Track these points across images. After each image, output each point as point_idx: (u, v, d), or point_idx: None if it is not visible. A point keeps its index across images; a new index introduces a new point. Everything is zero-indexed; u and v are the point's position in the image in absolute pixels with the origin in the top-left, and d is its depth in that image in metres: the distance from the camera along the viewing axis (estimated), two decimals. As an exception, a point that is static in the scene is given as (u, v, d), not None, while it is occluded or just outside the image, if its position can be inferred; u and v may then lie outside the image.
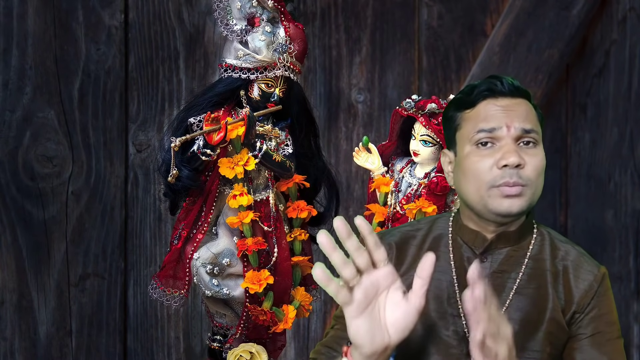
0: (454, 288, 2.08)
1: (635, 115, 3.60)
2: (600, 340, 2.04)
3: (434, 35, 3.54)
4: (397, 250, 2.11)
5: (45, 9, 3.33)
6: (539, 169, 2.01)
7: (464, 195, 2.06)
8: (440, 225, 2.14)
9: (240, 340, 2.55)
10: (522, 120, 2.01)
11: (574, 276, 2.05)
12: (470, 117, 2.05)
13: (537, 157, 2.01)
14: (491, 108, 2.02)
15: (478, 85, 2.05)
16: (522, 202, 2.00)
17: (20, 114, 3.32)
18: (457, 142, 2.07)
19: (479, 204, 2.04)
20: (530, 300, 2.05)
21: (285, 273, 2.53)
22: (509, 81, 2.05)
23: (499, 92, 2.03)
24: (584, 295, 2.04)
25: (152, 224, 3.40)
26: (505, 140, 2.00)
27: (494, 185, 1.99)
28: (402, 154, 2.71)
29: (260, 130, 2.52)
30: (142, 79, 3.40)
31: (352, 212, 3.49)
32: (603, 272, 2.07)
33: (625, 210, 3.62)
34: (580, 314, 2.04)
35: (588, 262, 2.08)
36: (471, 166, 2.01)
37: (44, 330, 3.33)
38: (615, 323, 2.07)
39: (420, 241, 2.12)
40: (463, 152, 2.04)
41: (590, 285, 2.04)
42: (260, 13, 2.52)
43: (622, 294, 3.61)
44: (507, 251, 2.06)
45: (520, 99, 2.04)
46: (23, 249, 3.32)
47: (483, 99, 2.04)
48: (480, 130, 2.01)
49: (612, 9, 3.60)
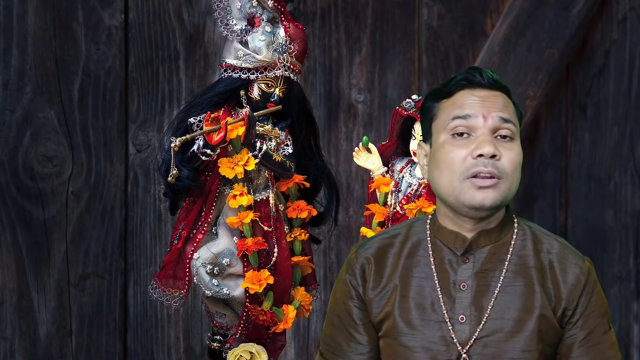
0: (437, 293, 2.04)
1: (635, 115, 3.60)
2: (596, 339, 2.02)
3: (434, 35, 3.54)
4: (375, 264, 2.07)
5: (45, 9, 3.33)
6: (515, 162, 1.98)
7: (437, 188, 2.03)
8: (417, 229, 2.10)
9: (240, 340, 2.55)
10: (500, 110, 1.98)
11: (560, 270, 2.02)
12: (446, 106, 2.02)
13: (514, 151, 1.98)
14: (468, 97, 2.00)
15: (456, 75, 2.03)
16: (496, 195, 1.96)
17: (20, 114, 3.32)
18: (433, 132, 2.04)
19: (451, 196, 2.00)
20: (517, 299, 2.02)
21: (285, 273, 2.53)
22: (488, 74, 2.02)
23: (477, 83, 2.01)
24: (572, 290, 2.01)
25: (152, 224, 3.39)
26: (481, 131, 1.97)
27: (467, 176, 1.96)
28: (402, 154, 2.71)
29: (260, 130, 2.52)
30: (142, 79, 3.40)
31: (352, 212, 3.49)
32: (588, 264, 2.05)
33: (625, 210, 3.61)
34: (571, 310, 2.02)
35: (573, 255, 2.05)
36: (445, 156, 1.98)
37: (44, 330, 3.33)
38: (606, 313, 2.05)
39: (398, 249, 2.08)
40: (437, 142, 2.01)
41: (577, 279, 2.02)
42: (260, 13, 2.52)
43: (622, 294, 3.60)
44: (489, 249, 2.03)
45: (498, 92, 2.01)
46: (23, 249, 3.32)
47: (460, 89, 2.01)
48: (455, 117, 1.98)
49: (612, 9, 3.60)
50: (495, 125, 1.98)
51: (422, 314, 2.02)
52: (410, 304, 2.03)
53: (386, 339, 2.06)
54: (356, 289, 2.08)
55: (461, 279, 2.03)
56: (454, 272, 2.04)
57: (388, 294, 2.00)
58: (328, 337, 2.14)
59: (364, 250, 2.11)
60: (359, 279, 2.07)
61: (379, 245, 2.10)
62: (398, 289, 2.04)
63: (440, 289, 2.04)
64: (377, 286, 2.06)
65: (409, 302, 2.03)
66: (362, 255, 2.09)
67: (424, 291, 2.04)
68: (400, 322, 2.03)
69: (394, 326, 2.04)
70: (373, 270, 2.06)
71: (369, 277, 2.05)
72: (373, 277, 2.05)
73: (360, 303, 2.08)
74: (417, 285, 2.04)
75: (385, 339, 2.07)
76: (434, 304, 2.04)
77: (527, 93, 3.52)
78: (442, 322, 2.03)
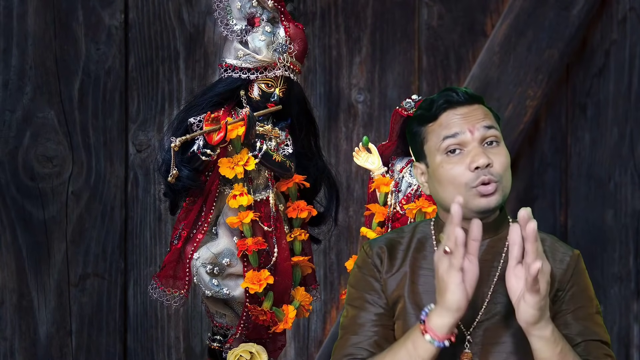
0: None
1: (635, 115, 3.60)
2: (583, 314, 2.18)
3: (434, 35, 3.54)
4: (388, 253, 2.22)
5: (45, 9, 3.33)
6: (505, 164, 2.16)
7: (443, 202, 2.18)
8: (422, 229, 2.26)
9: (240, 340, 2.55)
10: (482, 120, 2.17)
11: (552, 259, 2.17)
12: (433, 129, 2.19)
13: (502, 154, 2.17)
14: (451, 117, 2.18)
15: (436, 99, 2.20)
16: (497, 197, 2.14)
17: (20, 114, 3.32)
18: (427, 154, 2.20)
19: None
20: None
21: (285, 273, 2.54)
22: (462, 91, 2.21)
23: (456, 102, 2.18)
24: (563, 273, 2.18)
25: (152, 224, 3.39)
26: (472, 145, 2.15)
27: (471, 186, 2.13)
28: (402, 154, 2.71)
29: (260, 130, 2.52)
30: (142, 79, 3.40)
31: (352, 212, 3.49)
32: (577, 254, 2.23)
33: (625, 210, 3.61)
34: (562, 291, 2.18)
35: (563, 246, 2.24)
36: (446, 174, 2.16)
37: (44, 330, 3.33)
38: (594, 299, 2.22)
39: (405, 246, 2.24)
40: (435, 163, 2.18)
41: (568, 264, 2.20)
42: (260, 13, 2.52)
43: (622, 294, 3.60)
44: (487, 242, 2.18)
45: (476, 104, 2.20)
46: (23, 249, 3.32)
47: (443, 111, 2.19)
48: (445, 137, 2.16)
49: (612, 9, 3.60)
50: (482, 135, 2.16)
51: (430, 299, 2.13)
52: (418, 289, 2.18)
53: (398, 322, 2.19)
54: (377, 267, 2.22)
55: None
56: None
57: (399, 278, 2.18)
58: (347, 320, 2.21)
59: (376, 243, 2.25)
60: (377, 262, 2.23)
61: (388, 242, 2.25)
62: (408, 275, 2.20)
63: None
64: (390, 271, 2.21)
65: (418, 288, 2.18)
66: (376, 246, 2.24)
67: (430, 280, 2.16)
68: (409, 305, 2.17)
69: (404, 308, 2.17)
70: (387, 257, 2.22)
71: (384, 262, 2.22)
72: (387, 263, 2.21)
73: (379, 280, 2.22)
74: (424, 276, 2.19)
75: (397, 322, 2.19)
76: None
77: (527, 93, 3.52)
78: None
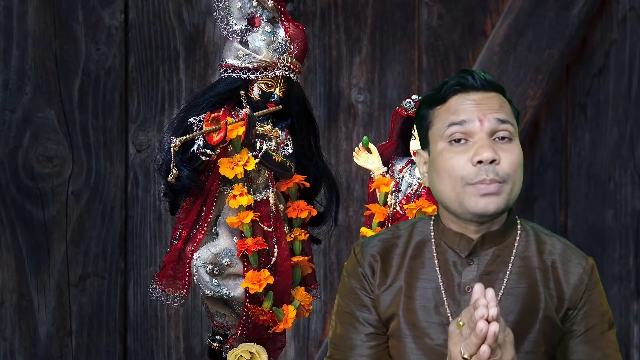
0: (442, 295, 2.02)
1: (635, 115, 3.60)
2: (594, 336, 2.00)
3: (434, 35, 3.54)
4: (381, 262, 2.05)
5: (45, 9, 3.33)
6: (516, 164, 1.93)
7: (439, 195, 2.00)
8: (420, 229, 2.08)
9: (240, 340, 2.55)
10: (496, 111, 1.94)
11: (563, 271, 2.00)
12: (440, 113, 1.98)
13: (513, 152, 1.94)
14: (462, 102, 1.95)
15: (448, 80, 1.99)
16: (499, 200, 1.93)
17: (20, 114, 3.32)
18: (430, 140, 2.00)
19: (455, 202, 1.97)
20: (521, 301, 2.00)
21: (285, 273, 2.54)
22: (480, 75, 1.98)
23: (470, 86, 1.96)
24: (575, 290, 1.99)
25: (152, 224, 3.39)
26: (479, 135, 1.93)
27: (469, 183, 1.92)
28: (402, 154, 2.71)
29: (260, 130, 2.52)
30: (142, 79, 3.40)
31: (352, 212, 3.49)
32: (591, 264, 2.03)
33: (625, 210, 3.61)
34: (573, 310, 2.00)
35: (575, 255, 2.04)
36: (444, 163, 1.94)
37: (44, 330, 3.33)
38: (607, 313, 2.03)
39: (402, 249, 2.06)
40: (436, 150, 1.97)
41: (580, 279, 2.00)
42: (260, 13, 2.52)
43: (622, 294, 3.60)
44: (493, 251, 2.00)
45: (493, 92, 1.97)
46: (23, 249, 3.32)
47: (454, 94, 1.97)
48: (451, 123, 1.94)
49: (612, 9, 3.60)
50: (493, 128, 1.94)
51: (427, 316, 2.00)
52: (415, 305, 2.01)
53: (392, 339, 2.05)
54: (368, 280, 2.04)
55: (466, 282, 2.01)
56: (459, 275, 2.02)
57: (393, 294, 1.99)
58: (337, 337, 2.09)
59: (368, 248, 2.08)
60: (369, 273, 2.05)
61: (383, 245, 2.08)
62: (403, 290, 2.03)
63: (445, 291, 2.02)
64: (382, 284, 2.04)
65: (413, 304, 2.01)
66: (368, 253, 2.06)
67: (428, 293, 2.02)
68: (404, 324, 2.02)
69: (398, 327, 2.02)
70: (379, 268, 2.04)
71: (376, 274, 2.03)
72: (379, 275, 2.03)
73: (370, 294, 2.05)
74: (421, 287, 2.02)
75: (391, 340, 2.06)
76: (438, 306, 2.02)
77: (527, 93, 3.52)
78: (447, 325, 1.99)
